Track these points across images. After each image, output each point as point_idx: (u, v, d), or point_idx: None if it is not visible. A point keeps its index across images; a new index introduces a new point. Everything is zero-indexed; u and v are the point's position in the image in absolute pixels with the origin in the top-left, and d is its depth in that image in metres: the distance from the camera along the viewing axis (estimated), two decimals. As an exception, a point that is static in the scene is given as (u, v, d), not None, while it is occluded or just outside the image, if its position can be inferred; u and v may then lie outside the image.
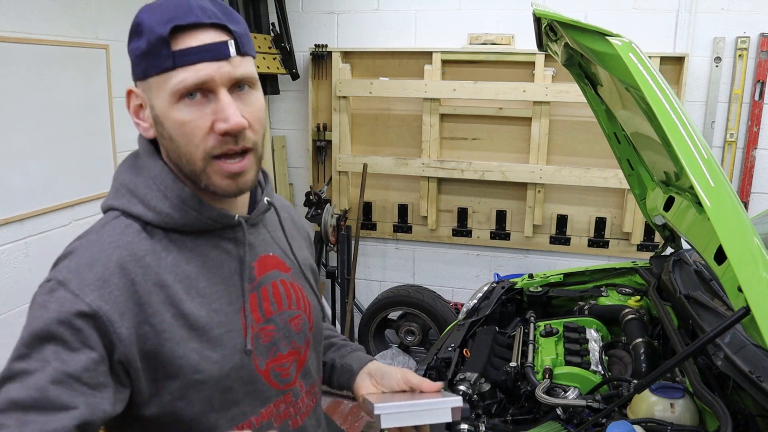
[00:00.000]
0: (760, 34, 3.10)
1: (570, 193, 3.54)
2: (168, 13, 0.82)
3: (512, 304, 2.34)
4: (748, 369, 1.22)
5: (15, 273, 2.31)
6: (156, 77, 0.83)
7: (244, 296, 0.92)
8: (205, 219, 0.90)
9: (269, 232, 1.02)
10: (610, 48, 1.24)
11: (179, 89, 0.81)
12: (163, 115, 0.84)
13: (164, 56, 0.81)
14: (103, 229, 0.88)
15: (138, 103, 0.90)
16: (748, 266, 1.00)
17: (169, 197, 0.88)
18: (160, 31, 0.81)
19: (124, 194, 0.90)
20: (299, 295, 1.03)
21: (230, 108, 0.82)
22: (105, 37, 2.70)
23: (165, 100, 0.83)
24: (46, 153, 2.42)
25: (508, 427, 1.60)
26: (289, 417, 0.99)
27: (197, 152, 0.84)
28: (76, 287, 0.79)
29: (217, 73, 0.82)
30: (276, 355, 0.97)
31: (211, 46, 0.82)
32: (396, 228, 3.83)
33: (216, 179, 0.86)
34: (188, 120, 0.83)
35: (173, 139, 0.85)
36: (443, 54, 3.47)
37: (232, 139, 0.84)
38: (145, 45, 0.83)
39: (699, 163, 1.08)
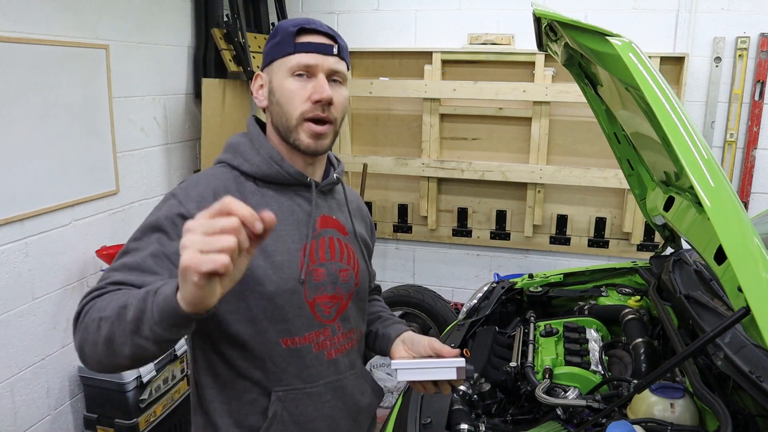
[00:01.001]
0: (760, 34, 3.10)
1: (570, 193, 3.54)
2: (298, 21, 1.18)
3: (512, 304, 2.34)
4: (748, 369, 1.22)
5: (15, 273, 2.31)
6: (279, 60, 1.16)
7: (307, 240, 1.19)
8: (284, 173, 1.18)
9: (336, 203, 1.30)
10: (610, 48, 1.24)
11: (293, 66, 1.15)
12: (278, 85, 1.16)
13: (289, 44, 1.15)
14: (211, 170, 1.21)
15: (260, 84, 1.22)
16: (748, 266, 1.00)
17: (261, 153, 1.19)
18: (290, 28, 1.16)
19: (230, 151, 1.22)
20: (351, 255, 1.28)
21: (325, 85, 1.15)
22: (105, 37, 2.70)
23: (282, 75, 1.16)
24: (46, 153, 2.41)
25: (508, 427, 1.61)
26: (325, 348, 1.22)
27: (295, 112, 1.15)
28: (182, 199, 1.12)
29: (321, 62, 1.15)
30: (322, 294, 1.21)
31: (321, 45, 1.16)
32: (396, 228, 3.83)
33: (302, 136, 1.16)
34: (295, 89, 1.15)
35: (280, 103, 1.16)
36: (443, 54, 3.47)
37: (321, 108, 1.15)
38: (278, 38, 1.17)
39: (699, 163, 1.08)
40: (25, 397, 2.43)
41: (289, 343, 1.16)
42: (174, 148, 3.23)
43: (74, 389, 2.66)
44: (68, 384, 2.64)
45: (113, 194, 2.79)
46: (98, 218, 2.72)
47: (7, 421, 2.35)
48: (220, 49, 3.23)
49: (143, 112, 2.98)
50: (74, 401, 2.67)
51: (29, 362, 2.43)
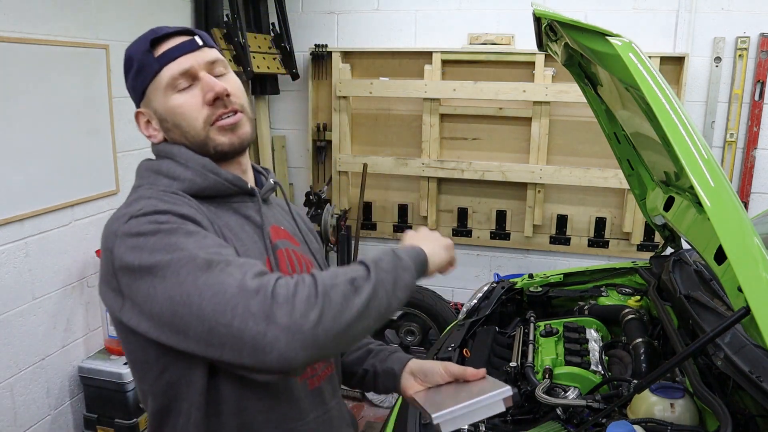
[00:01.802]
0: (760, 34, 3.10)
1: (570, 193, 3.54)
2: (145, 36, 1.03)
3: (512, 304, 2.34)
4: (748, 369, 1.22)
5: (15, 273, 2.31)
6: (151, 85, 1.02)
7: (269, 255, 1.04)
8: (223, 181, 1.03)
9: (279, 213, 1.17)
10: (610, 48, 1.24)
11: (169, 81, 1.00)
12: (164, 109, 1.02)
13: (149, 65, 1.01)
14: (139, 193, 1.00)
15: (146, 120, 1.07)
16: (748, 266, 1.00)
17: (191, 167, 1.01)
18: (143, 47, 1.01)
19: (148, 175, 1.04)
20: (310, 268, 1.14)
21: (212, 79, 1.01)
22: (105, 37, 2.70)
23: (162, 97, 1.01)
24: (46, 153, 2.42)
25: (508, 427, 1.60)
26: (307, 377, 1.07)
27: (197, 123, 1.01)
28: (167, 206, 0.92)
29: (195, 61, 1.01)
30: None
31: (183, 44, 1.02)
32: (396, 228, 3.83)
33: (218, 137, 1.02)
34: (183, 102, 1.01)
35: (177, 124, 1.02)
36: (443, 54, 3.47)
37: (221, 103, 1.02)
38: (136, 65, 1.02)
39: (699, 163, 1.08)
40: (25, 397, 2.43)
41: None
42: (174, 148, 3.23)
43: (74, 389, 2.67)
44: (68, 384, 2.64)
45: (113, 194, 2.79)
46: (98, 218, 2.72)
47: (7, 421, 2.35)
48: (220, 49, 3.22)
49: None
50: (74, 401, 2.68)
51: (29, 362, 2.43)
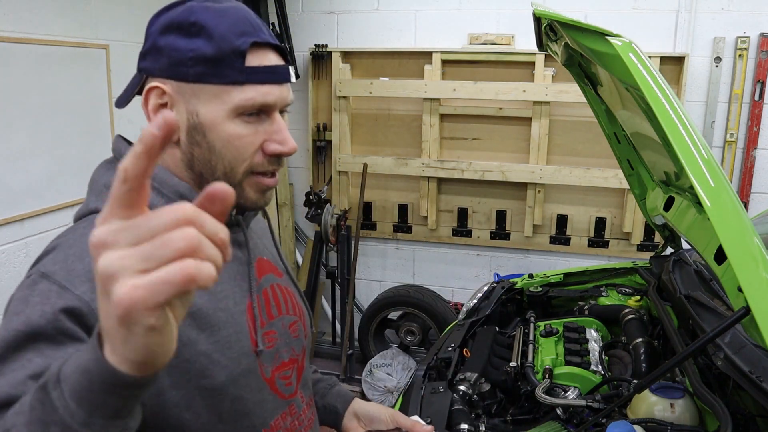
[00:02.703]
0: (760, 34, 3.10)
1: (570, 193, 3.53)
2: (238, 26, 0.79)
3: (512, 304, 2.34)
4: (748, 369, 1.22)
5: (15, 273, 2.31)
6: (215, 86, 0.80)
7: (252, 296, 0.88)
8: None
9: (260, 238, 1.00)
10: (610, 48, 1.24)
11: (245, 106, 0.80)
12: (212, 125, 0.81)
13: (237, 69, 0.79)
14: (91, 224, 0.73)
15: (161, 102, 0.82)
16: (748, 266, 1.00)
17: (164, 193, 0.83)
18: (237, 42, 0.78)
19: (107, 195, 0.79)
20: (294, 301, 1.00)
21: (287, 133, 0.84)
22: (105, 37, 2.70)
23: (221, 112, 0.80)
24: (46, 153, 2.42)
25: (508, 427, 1.61)
26: (295, 430, 0.94)
27: (242, 166, 0.83)
28: (63, 278, 0.72)
29: (280, 98, 0.83)
30: (279, 363, 0.91)
31: (278, 69, 0.83)
32: (396, 228, 3.83)
33: (250, 193, 0.85)
34: (243, 134, 0.81)
35: (215, 151, 0.82)
36: (443, 54, 3.47)
37: (277, 160, 0.85)
38: (212, 51, 0.78)
39: (699, 163, 1.08)
40: (25, 397, 2.43)
41: None
42: (174, 148, 3.23)
43: (74, 389, 2.67)
44: None
45: (113, 194, 2.79)
46: (98, 218, 2.71)
47: (7, 421, 2.35)
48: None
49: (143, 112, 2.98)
50: (74, 401, 2.68)
51: (29, 362, 2.43)
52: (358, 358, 3.65)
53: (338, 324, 3.82)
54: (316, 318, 3.88)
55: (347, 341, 3.54)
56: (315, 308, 3.84)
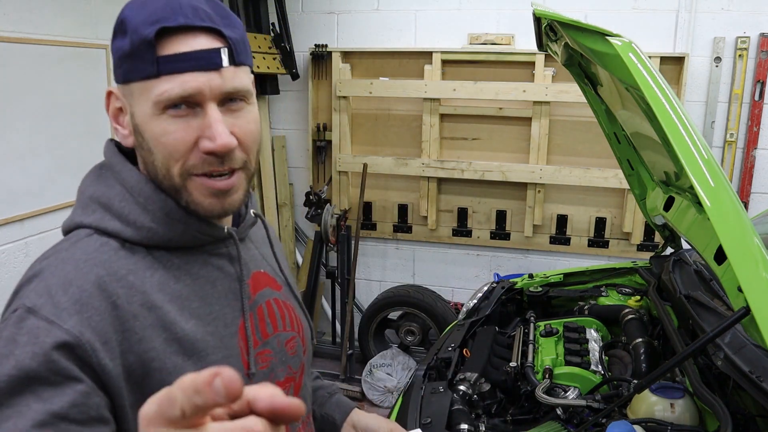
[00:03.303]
0: (760, 34, 3.10)
1: (570, 193, 3.54)
2: (156, 13, 0.72)
3: (512, 304, 2.34)
4: (748, 369, 1.22)
5: (15, 273, 2.31)
6: (138, 83, 0.74)
7: (245, 316, 0.83)
8: (192, 232, 0.80)
9: (258, 249, 0.94)
10: (610, 48, 1.24)
11: (162, 100, 0.72)
12: (143, 125, 0.75)
13: (148, 61, 0.72)
14: (74, 246, 0.76)
15: (118, 107, 0.80)
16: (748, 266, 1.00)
17: (150, 210, 0.78)
18: (145, 32, 0.71)
19: (95, 209, 0.79)
20: (292, 316, 0.94)
21: (218, 126, 0.73)
22: (105, 37, 2.70)
23: (146, 109, 0.74)
24: (46, 153, 2.42)
25: (508, 427, 1.61)
26: None
27: (175, 167, 0.75)
28: (49, 312, 0.68)
29: (207, 86, 0.73)
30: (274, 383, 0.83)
31: (201, 54, 0.72)
32: (396, 228, 3.83)
33: (197, 196, 0.77)
34: (170, 131, 0.74)
35: (151, 151, 0.76)
36: (443, 54, 3.47)
37: (218, 160, 0.75)
38: (128, 46, 0.73)
39: (699, 163, 1.08)
40: (25, 397, 2.43)
41: None
42: (174, 148, 3.24)
43: (74, 389, 2.67)
44: None
45: (113, 194, 2.79)
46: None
47: (7, 421, 2.35)
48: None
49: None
50: (74, 401, 2.68)
51: (29, 362, 2.43)
52: (358, 358, 3.65)
53: (338, 324, 3.82)
54: (315, 318, 3.88)
55: (347, 341, 3.53)
56: (315, 308, 3.84)
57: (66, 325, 0.68)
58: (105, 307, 0.71)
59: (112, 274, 0.74)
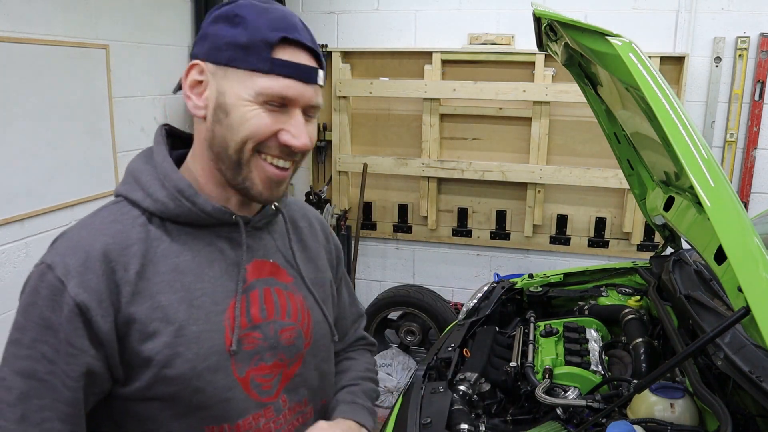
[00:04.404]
0: (760, 34, 3.10)
1: (570, 193, 3.54)
2: (278, 22, 0.86)
3: (512, 304, 2.34)
4: (748, 369, 1.22)
5: (15, 273, 2.31)
6: (242, 71, 0.86)
7: (237, 298, 0.91)
8: (198, 212, 0.89)
9: (275, 240, 1.02)
10: (610, 48, 1.24)
11: (265, 93, 0.85)
12: (233, 105, 0.86)
13: (263, 59, 0.85)
14: (98, 212, 0.91)
15: (198, 79, 0.89)
16: (748, 266, 1.00)
17: (166, 186, 0.89)
18: (268, 35, 0.85)
19: (129, 181, 0.93)
20: (297, 307, 0.99)
21: (303, 128, 0.89)
22: (105, 37, 2.70)
23: (243, 94, 0.86)
24: (46, 153, 2.41)
25: (508, 427, 1.60)
26: None
27: (250, 144, 0.87)
28: (60, 272, 0.82)
29: (302, 96, 0.87)
30: (258, 365, 0.93)
31: (305, 68, 0.87)
32: (396, 228, 3.83)
33: (255, 177, 0.89)
34: (261, 117, 0.86)
35: (233, 128, 0.87)
36: (443, 54, 3.47)
37: (288, 152, 0.89)
38: (245, 39, 0.85)
39: (699, 163, 1.08)
40: (25, 397, 2.43)
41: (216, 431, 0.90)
42: (174, 148, 3.23)
43: (74, 389, 2.66)
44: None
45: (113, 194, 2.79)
46: (98, 218, 2.71)
47: (7, 421, 2.35)
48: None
49: (143, 112, 2.98)
50: (74, 401, 2.67)
51: (29, 362, 2.43)
52: (358, 358, 3.65)
53: (338, 324, 3.82)
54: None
55: (347, 341, 3.53)
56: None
57: (69, 285, 0.82)
58: (104, 271, 0.84)
59: (117, 243, 0.86)
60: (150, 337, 0.85)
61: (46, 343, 0.81)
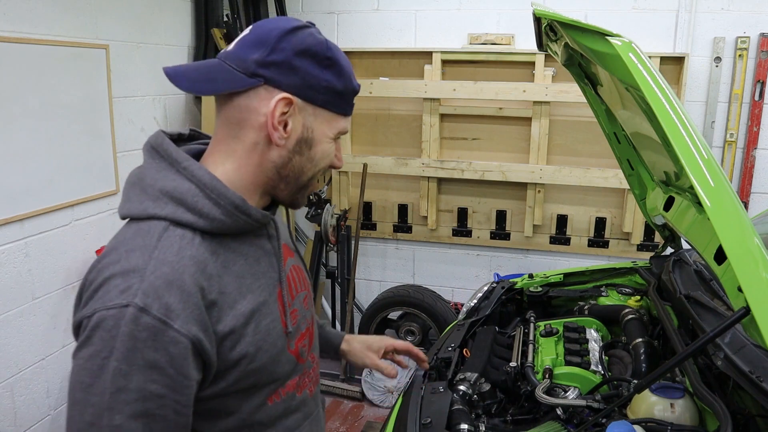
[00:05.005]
0: (760, 34, 3.10)
1: (570, 193, 3.54)
2: (351, 71, 1.01)
3: (512, 304, 2.34)
4: (748, 369, 1.22)
5: (15, 273, 2.31)
6: (331, 113, 0.99)
7: (282, 285, 1.04)
8: (252, 222, 0.97)
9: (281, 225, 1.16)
10: (610, 48, 1.24)
11: (340, 131, 1.01)
12: (317, 141, 0.99)
13: (348, 104, 1.01)
14: (160, 243, 0.89)
15: (287, 112, 0.94)
16: (748, 266, 1.00)
17: (221, 205, 0.93)
18: (355, 85, 1.00)
19: (167, 203, 0.92)
20: (302, 276, 1.17)
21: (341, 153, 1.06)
22: (105, 37, 2.70)
23: (328, 132, 0.99)
24: (46, 153, 2.42)
25: (508, 427, 1.61)
26: (306, 387, 1.12)
27: (313, 174, 1.02)
28: (160, 312, 0.83)
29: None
30: (300, 335, 1.09)
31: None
32: (396, 228, 3.83)
33: (303, 197, 1.06)
34: (333, 152, 1.02)
35: (314, 160, 1.00)
36: (443, 54, 3.47)
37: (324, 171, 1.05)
38: (341, 87, 0.97)
39: (699, 163, 1.08)
40: (25, 397, 2.43)
41: (275, 398, 1.04)
42: (174, 148, 3.23)
43: (74, 389, 2.66)
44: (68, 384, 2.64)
45: (113, 194, 2.79)
46: (98, 218, 2.72)
47: (7, 421, 2.35)
48: (220, 49, 3.23)
49: (143, 112, 2.98)
50: (74, 401, 2.67)
51: (29, 362, 2.43)
52: (358, 358, 3.65)
53: (338, 324, 3.82)
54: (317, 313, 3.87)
55: (347, 341, 3.53)
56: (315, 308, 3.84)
57: (176, 324, 0.84)
58: (199, 300, 0.88)
59: (199, 268, 0.89)
60: (237, 342, 0.93)
61: (154, 382, 0.83)
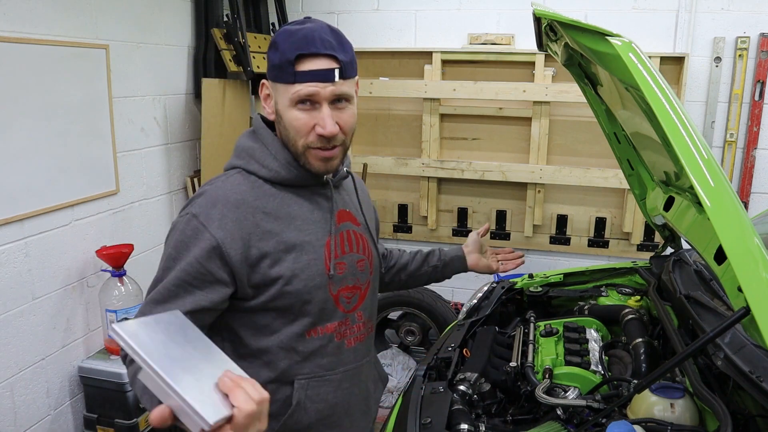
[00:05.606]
0: (760, 34, 3.10)
1: (570, 193, 3.54)
2: (297, 43, 1.15)
3: (512, 304, 2.34)
4: (748, 369, 1.22)
5: (15, 273, 2.31)
6: (281, 84, 1.19)
7: (332, 236, 1.28)
8: (303, 175, 1.25)
9: (348, 195, 1.40)
10: (610, 48, 1.24)
11: (294, 98, 1.17)
12: (282, 111, 1.21)
13: (289, 73, 1.16)
14: (227, 179, 1.25)
15: (267, 93, 1.26)
16: (748, 266, 1.00)
17: (278, 159, 1.24)
18: (288, 55, 1.15)
19: (244, 156, 1.27)
20: (365, 245, 1.38)
21: (328, 119, 1.18)
22: (105, 37, 2.70)
23: (285, 102, 1.19)
24: (46, 153, 2.41)
25: (508, 427, 1.61)
26: (345, 337, 1.32)
27: (299, 142, 1.21)
28: (204, 219, 1.17)
29: (322, 91, 1.16)
30: (344, 285, 1.30)
31: (321, 72, 1.15)
32: (396, 228, 3.83)
33: (311, 160, 1.23)
34: (299, 118, 1.19)
35: (286, 128, 1.21)
36: (443, 54, 3.48)
37: (326, 140, 1.20)
38: (277, 60, 1.17)
39: (699, 163, 1.08)
40: (25, 397, 2.43)
41: (313, 334, 1.26)
42: (174, 148, 3.23)
43: (74, 389, 2.67)
44: (68, 384, 2.64)
45: (113, 194, 2.79)
46: (98, 218, 2.72)
47: (7, 421, 2.35)
48: (220, 49, 3.23)
49: (143, 112, 2.98)
50: (74, 401, 2.68)
51: (29, 362, 2.43)
52: (358, 358, 3.64)
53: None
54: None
55: (347, 341, 3.53)
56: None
57: (210, 228, 1.16)
58: (237, 218, 1.19)
59: (243, 200, 1.21)
60: (277, 263, 1.20)
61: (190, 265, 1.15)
